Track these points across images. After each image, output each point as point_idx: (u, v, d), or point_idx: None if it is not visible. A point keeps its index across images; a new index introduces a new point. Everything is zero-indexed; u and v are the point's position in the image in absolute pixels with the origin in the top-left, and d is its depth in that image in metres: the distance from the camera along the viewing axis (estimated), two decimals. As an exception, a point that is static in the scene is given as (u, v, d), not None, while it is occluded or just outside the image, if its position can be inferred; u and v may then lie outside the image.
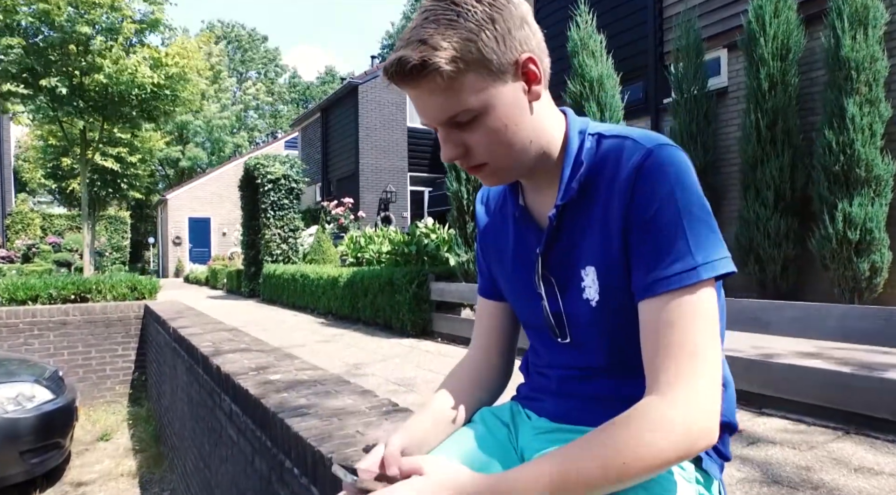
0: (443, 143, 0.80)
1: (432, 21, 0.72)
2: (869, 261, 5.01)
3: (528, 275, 0.91)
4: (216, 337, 3.76)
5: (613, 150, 0.79)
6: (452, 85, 0.72)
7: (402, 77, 0.74)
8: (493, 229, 1.01)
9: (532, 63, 0.76)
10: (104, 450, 5.55)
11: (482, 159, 0.79)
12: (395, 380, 3.70)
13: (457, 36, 0.71)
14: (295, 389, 2.21)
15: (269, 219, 10.86)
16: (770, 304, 2.65)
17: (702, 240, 0.71)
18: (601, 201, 0.79)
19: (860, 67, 5.02)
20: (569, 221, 0.83)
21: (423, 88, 0.74)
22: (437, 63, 0.71)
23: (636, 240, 0.74)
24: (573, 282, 0.85)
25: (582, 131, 0.84)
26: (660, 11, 7.42)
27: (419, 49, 0.71)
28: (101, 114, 9.21)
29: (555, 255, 0.86)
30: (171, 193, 26.39)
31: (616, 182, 0.76)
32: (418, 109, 0.79)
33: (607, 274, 0.80)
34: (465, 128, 0.76)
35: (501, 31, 0.73)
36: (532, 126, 0.79)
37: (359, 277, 6.43)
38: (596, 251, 0.80)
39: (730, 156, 6.47)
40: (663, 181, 0.71)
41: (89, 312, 6.93)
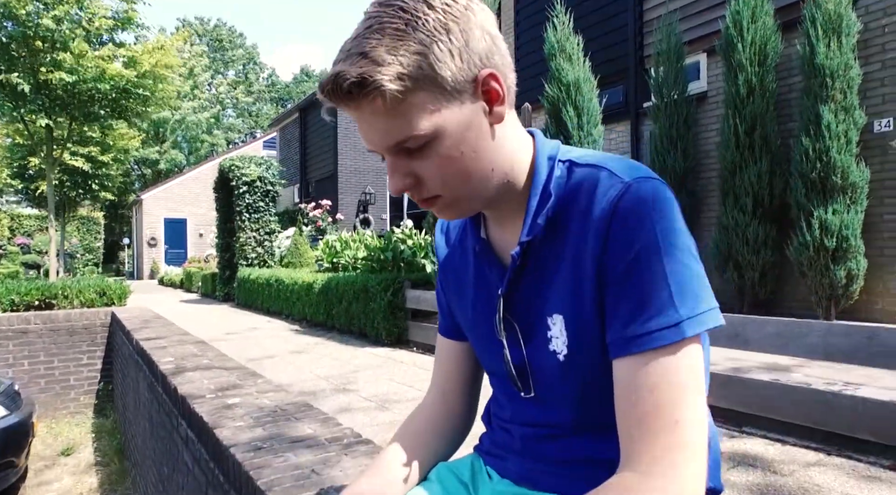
0: (390, 173, 0.69)
1: (376, 30, 0.61)
2: (845, 269, 5.01)
3: (490, 318, 0.80)
4: (180, 351, 3.59)
5: (587, 182, 0.68)
6: (398, 106, 0.62)
7: (339, 96, 0.62)
8: (454, 262, 0.90)
9: (494, 80, 0.65)
10: (65, 467, 5.31)
11: (435, 191, 0.68)
12: (367, 396, 3.57)
13: (404, 48, 0.60)
14: (253, 416, 2.07)
15: (245, 222, 10.64)
16: (750, 320, 2.59)
17: (687, 289, 0.61)
18: (572, 240, 0.69)
19: (835, 75, 5.02)
20: (534, 261, 0.73)
21: (364, 109, 0.63)
22: (379, 81, 0.59)
23: (612, 289, 0.64)
24: (539, 330, 0.74)
25: (552, 157, 0.73)
26: (640, 14, 7.39)
27: (359, 64, 0.60)
28: (67, 112, 8.89)
29: (519, 298, 0.76)
30: (146, 193, 25.86)
31: (589, 219, 0.66)
32: (361, 133, 0.68)
33: (578, 324, 0.70)
34: (415, 155, 0.66)
35: (458, 43, 0.62)
36: (494, 152, 0.68)
37: (333, 283, 6.27)
38: (565, 297, 0.70)
39: (709, 161, 6.45)
40: (643, 221, 0.62)
41: (52, 320, 6.66)
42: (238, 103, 41.88)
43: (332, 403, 3.42)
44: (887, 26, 5.14)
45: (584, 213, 0.67)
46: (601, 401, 0.69)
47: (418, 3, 0.62)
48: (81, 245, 24.73)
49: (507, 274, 0.75)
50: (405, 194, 0.71)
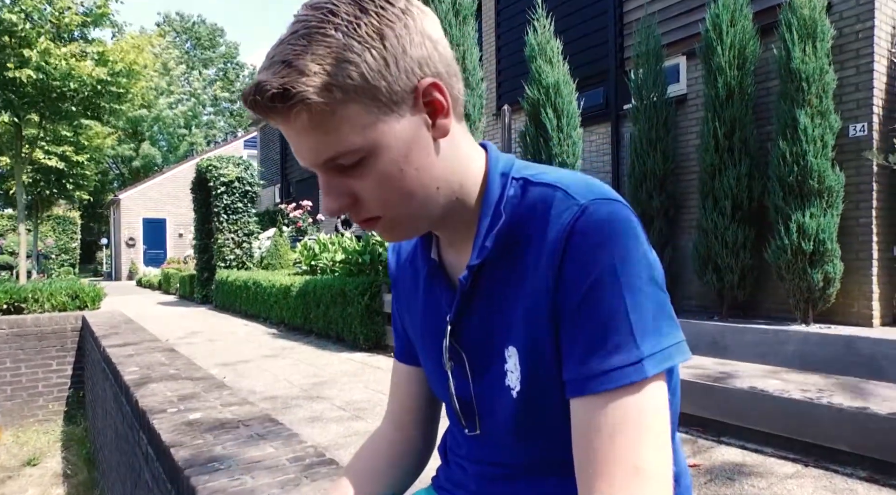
0: (323, 192, 0.62)
1: (302, 36, 0.55)
2: (822, 272, 5.04)
3: (439, 346, 0.74)
4: (147, 360, 3.47)
5: (541, 202, 0.62)
6: (327, 120, 0.56)
7: (261, 108, 0.55)
8: (405, 283, 0.84)
9: (436, 90, 0.60)
10: (30, 477, 5.14)
11: (375, 211, 0.62)
12: (340, 404, 3.48)
13: (332, 56, 0.54)
14: (214, 432, 1.98)
15: (223, 223, 10.44)
16: (729, 328, 2.55)
17: (649, 322, 0.56)
18: (524, 266, 0.63)
19: (810, 79, 5.05)
20: (486, 286, 0.67)
21: (290, 123, 0.57)
22: (303, 93, 0.53)
23: (567, 323, 0.59)
24: (494, 363, 0.68)
25: (505, 174, 0.67)
26: (620, 17, 7.38)
27: (281, 73, 0.54)
28: (37, 110, 8.62)
29: (470, 327, 0.70)
30: (124, 193, 25.39)
31: (543, 244, 0.60)
32: (292, 148, 0.61)
33: (532, 358, 0.63)
34: (351, 173, 0.60)
35: (394, 49, 0.56)
36: (439, 168, 0.62)
37: (311, 287, 6.16)
38: (518, 329, 0.64)
39: (689, 164, 6.46)
40: (599, 248, 0.57)
41: (19, 325, 6.45)
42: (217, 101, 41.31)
43: (304, 412, 3.33)
44: (860, 32, 5.18)
45: (537, 237, 0.61)
46: (558, 441, 0.64)
47: (350, 6, 0.56)
48: (57, 245, 24.18)
49: (455, 300, 0.69)
50: (342, 215, 0.65)
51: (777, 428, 2.38)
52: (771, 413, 2.41)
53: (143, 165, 34.47)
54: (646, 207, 6.37)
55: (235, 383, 4.43)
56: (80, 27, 8.75)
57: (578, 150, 6.29)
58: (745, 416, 2.52)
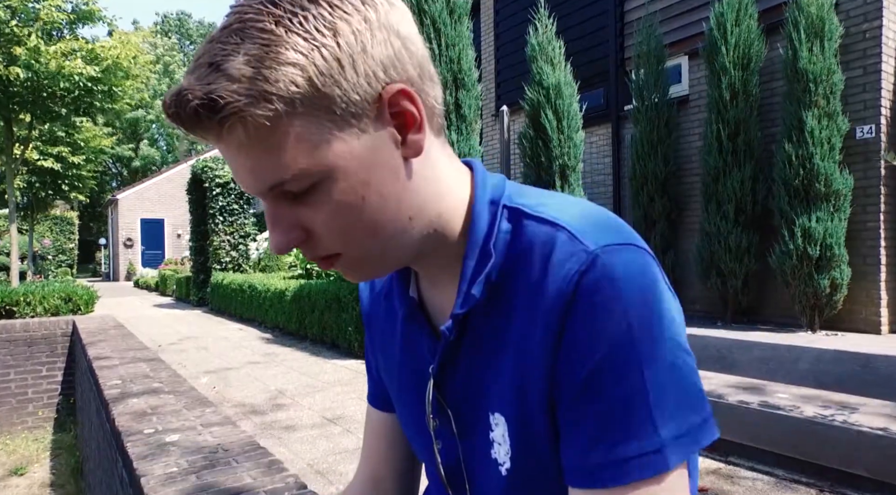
0: (269, 225, 0.49)
1: (236, 32, 0.42)
2: (829, 278, 4.91)
3: (419, 398, 0.62)
4: (131, 371, 3.34)
5: (539, 243, 0.51)
6: (268, 137, 0.43)
7: (184, 121, 0.43)
8: (380, 322, 0.71)
9: (406, 98, 0.47)
10: (16, 488, 5.01)
11: (332, 248, 0.50)
12: (332, 417, 3.36)
13: (273, 58, 0.42)
14: (190, 459, 1.85)
15: (218, 225, 10.32)
16: (736, 343, 2.43)
17: (671, 401, 0.45)
18: (517, 320, 0.51)
19: (818, 80, 4.92)
20: (472, 337, 0.55)
21: (223, 140, 0.44)
22: (233, 104, 0.41)
23: (568, 400, 0.47)
24: (479, 428, 0.56)
25: (494, 201, 0.55)
26: (621, 16, 7.25)
27: (208, 79, 0.42)
28: (28, 110, 8.48)
29: (455, 381, 0.58)
30: (122, 194, 25.27)
31: (540, 298, 0.49)
32: (231, 171, 0.49)
33: (523, 433, 0.52)
34: (301, 200, 0.47)
35: (350, 48, 0.44)
36: (410, 195, 0.50)
37: (306, 292, 6.04)
38: (507, 395, 0.52)
39: (691, 166, 6.33)
40: (613, 310, 0.45)
41: (7, 330, 6.33)
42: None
43: (291, 426, 3.20)
44: (867, 31, 5.06)
45: (533, 288, 0.49)
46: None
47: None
48: (54, 246, 24.07)
49: (438, 349, 0.57)
50: (294, 250, 0.52)
51: (790, 450, 2.26)
52: (783, 433, 2.28)
53: (142, 166, 34.37)
54: (647, 210, 6.24)
55: (224, 393, 4.31)
56: (70, 24, 8.60)
57: (579, 153, 6.17)
58: (755, 436, 2.40)
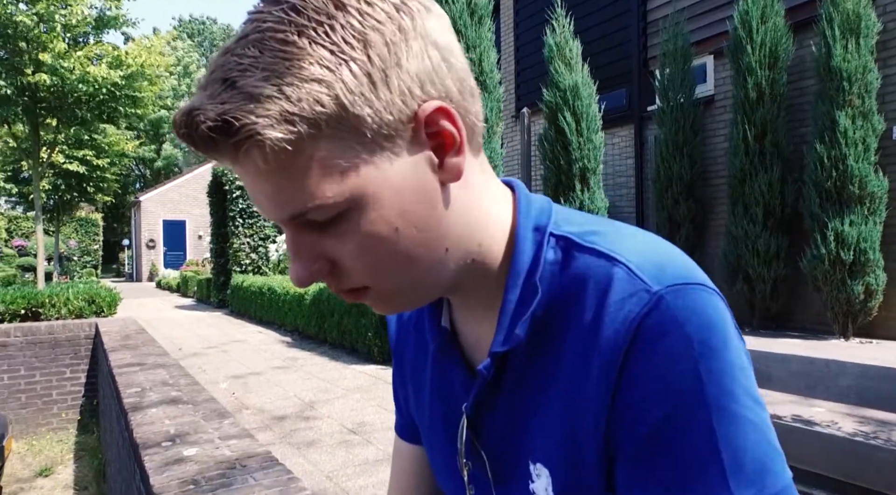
0: (292, 254, 0.43)
1: (254, 43, 0.37)
2: (863, 283, 4.73)
3: (449, 437, 0.56)
4: (150, 378, 3.34)
5: (593, 279, 0.44)
6: (290, 163, 0.38)
7: (197, 143, 0.38)
8: (408, 348, 0.64)
9: (445, 117, 0.41)
10: (41, 489, 5.07)
11: (361, 281, 0.44)
12: (351, 426, 3.31)
13: (294, 74, 0.36)
14: (206, 475, 1.81)
15: (238, 228, 10.39)
16: (772, 356, 2.32)
17: (747, 460, 0.39)
18: (567, 363, 0.45)
19: (852, 78, 4.74)
20: (513, 378, 0.49)
21: (240, 164, 0.39)
22: (252, 127, 0.36)
23: (629, 459, 0.42)
24: (517, 476, 0.50)
25: (539, 228, 0.49)
26: (644, 15, 7.11)
27: (221, 97, 0.36)
28: (54, 115, 8.62)
29: (492, 423, 0.51)
30: (145, 195, 25.66)
31: (596, 340, 0.42)
32: (249, 195, 0.44)
33: (570, 487, 0.45)
34: (326, 230, 0.42)
35: (383, 62, 0.39)
36: (448, 224, 0.44)
37: (325, 295, 6.02)
38: (552, 445, 0.46)
39: (717, 167, 6.18)
40: (681, 358, 0.39)
41: (33, 333, 6.42)
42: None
43: (310, 435, 3.17)
44: (906, 27, 4.86)
45: (586, 330, 0.43)
46: None
47: (321, 1, 0.38)
48: (79, 247, 24.55)
49: (473, 389, 0.51)
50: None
51: (830, 470, 2.14)
52: (822, 452, 2.17)
53: (164, 166, 34.87)
54: (672, 213, 6.10)
55: (243, 399, 4.30)
56: (95, 30, 8.72)
57: (599, 155, 6.05)
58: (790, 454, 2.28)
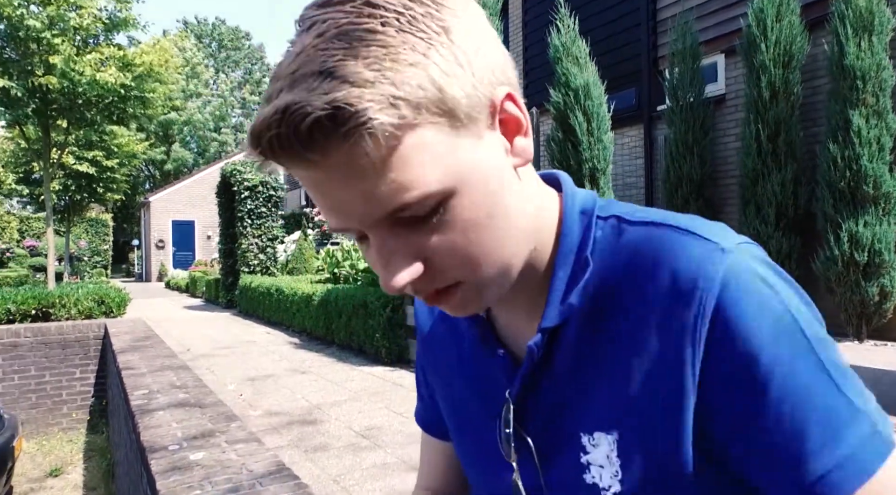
0: (382, 261, 0.42)
1: (336, 37, 0.36)
2: (878, 285, 4.66)
3: (486, 428, 0.55)
4: (158, 380, 3.34)
5: (649, 245, 0.46)
6: (392, 152, 0.37)
7: (291, 145, 0.35)
8: (438, 339, 0.64)
9: (511, 102, 0.43)
10: (51, 489, 5.09)
11: (452, 276, 0.43)
12: (359, 430, 3.30)
13: (392, 59, 0.36)
14: (213, 480, 1.80)
15: (246, 228, 10.42)
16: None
17: (849, 376, 0.43)
18: (631, 330, 0.46)
19: (866, 76, 4.67)
20: (564, 356, 0.49)
21: (333, 163, 0.37)
22: (364, 112, 0.35)
23: (745, 414, 0.42)
24: (566, 452, 0.50)
25: (586, 211, 0.51)
26: (653, 13, 7.05)
27: (323, 88, 0.35)
28: (64, 116, 8.69)
29: (536, 405, 0.52)
30: (154, 196, 25.83)
31: (665, 301, 0.44)
32: (323, 203, 0.40)
33: (645, 449, 0.45)
34: (424, 224, 0.41)
35: (465, 47, 0.39)
36: (521, 209, 0.46)
37: (333, 296, 6.02)
38: (619, 410, 0.46)
39: (728, 167, 6.11)
40: (772, 305, 0.42)
41: (43, 333, 6.46)
42: (246, 102, 41.82)
43: (319, 439, 3.15)
44: (921, 24, 4.78)
45: (656, 294, 0.44)
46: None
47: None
48: (89, 247, 24.73)
49: (521, 370, 0.51)
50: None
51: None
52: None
53: (174, 168, 35.07)
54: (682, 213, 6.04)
55: (250, 401, 4.29)
56: (105, 32, 8.77)
57: (609, 155, 6.00)
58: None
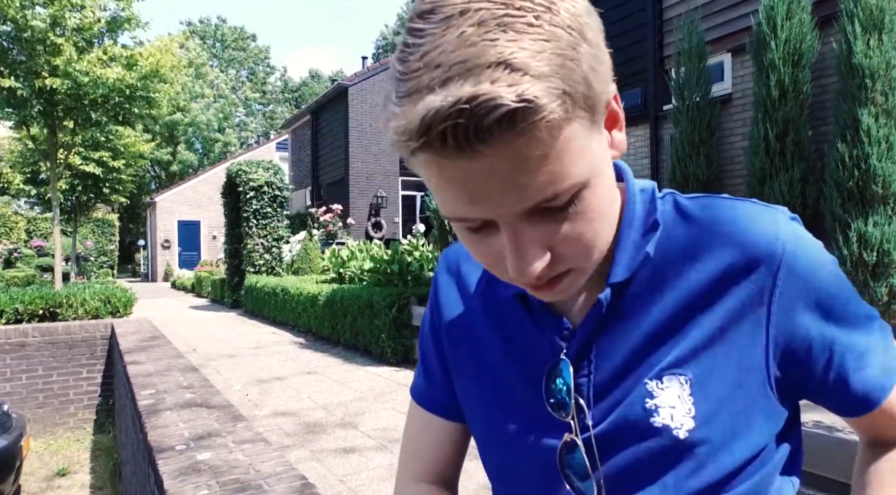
0: (517, 252, 0.43)
1: (500, 27, 0.37)
2: (887, 285, 4.62)
3: (532, 392, 0.56)
4: (165, 381, 3.34)
5: (711, 212, 0.53)
6: (554, 143, 0.39)
7: (465, 137, 0.36)
8: (469, 319, 0.63)
9: (615, 100, 0.47)
10: (59, 489, 5.11)
11: (570, 263, 0.46)
12: (366, 431, 3.29)
13: (556, 54, 0.38)
14: (220, 480, 1.80)
15: (252, 228, 10.44)
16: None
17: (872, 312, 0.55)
18: (698, 283, 0.51)
19: (875, 75, 4.64)
20: (626, 308, 0.53)
21: (500, 156, 0.38)
22: (545, 106, 0.37)
23: (826, 337, 0.51)
24: (629, 402, 0.51)
25: (645, 190, 0.56)
26: (659, 13, 7.02)
27: (507, 80, 0.35)
28: (71, 117, 8.71)
29: (599, 360, 0.53)
30: (160, 196, 25.92)
31: (743, 258, 0.50)
32: (465, 195, 0.41)
33: (717, 388, 0.49)
34: (560, 214, 0.43)
35: (596, 45, 0.41)
36: (616, 195, 0.51)
37: (338, 296, 6.01)
38: (687, 353, 0.50)
39: (734, 167, 6.08)
40: (819, 257, 0.52)
41: (50, 333, 6.49)
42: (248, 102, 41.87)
43: (325, 439, 3.15)
44: (930, 22, 4.74)
45: (719, 248, 0.51)
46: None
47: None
48: (96, 247, 24.84)
49: (579, 331, 0.53)
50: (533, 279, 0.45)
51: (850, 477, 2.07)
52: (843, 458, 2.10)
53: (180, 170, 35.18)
54: (688, 214, 6.01)
55: (256, 401, 4.30)
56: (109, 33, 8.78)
57: (616, 154, 5.98)
58: (808, 461, 2.22)
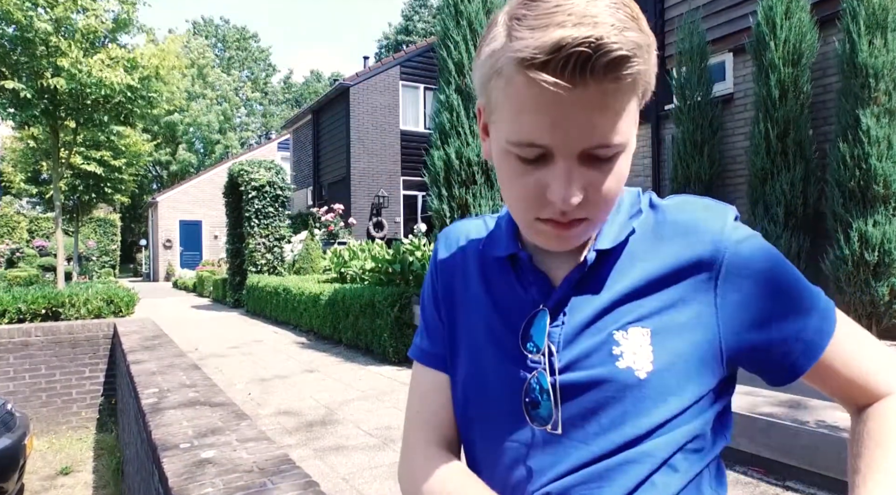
0: (564, 179, 0.51)
1: (615, 6, 0.48)
2: (888, 285, 4.63)
3: (513, 336, 0.63)
4: (168, 379, 3.35)
5: (680, 207, 0.63)
6: (627, 99, 0.50)
7: (584, 65, 0.46)
8: (465, 281, 0.71)
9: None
10: (62, 487, 5.13)
11: (589, 212, 0.55)
12: (368, 429, 3.30)
13: (639, 20, 0.50)
14: (224, 478, 1.81)
15: (254, 228, 10.45)
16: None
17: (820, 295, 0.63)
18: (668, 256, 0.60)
19: (878, 75, 4.64)
20: (605, 274, 0.61)
21: (598, 91, 0.47)
22: (645, 61, 0.50)
23: (770, 305, 0.59)
24: (598, 347, 0.59)
25: (630, 189, 0.67)
26: (661, 13, 7.03)
27: (618, 37, 0.46)
28: (73, 117, 8.74)
29: (570, 312, 0.61)
30: (161, 196, 25.94)
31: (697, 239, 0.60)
32: (547, 121, 0.49)
33: (671, 339, 0.58)
34: (601, 166, 0.52)
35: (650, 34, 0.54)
36: None
37: (340, 296, 6.03)
38: (652, 311, 0.59)
39: (736, 167, 6.08)
40: (758, 242, 0.60)
41: (53, 332, 6.51)
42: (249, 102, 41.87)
43: (328, 438, 3.16)
44: (933, 21, 4.74)
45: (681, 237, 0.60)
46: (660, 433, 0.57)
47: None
48: (98, 247, 24.88)
49: (559, 288, 0.62)
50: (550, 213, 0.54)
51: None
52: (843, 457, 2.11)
53: (180, 169, 35.20)
54: (689, 213, 6.02)
55: (259, 400, 4.32)
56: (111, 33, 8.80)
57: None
58: (813, 460, 2.23)
